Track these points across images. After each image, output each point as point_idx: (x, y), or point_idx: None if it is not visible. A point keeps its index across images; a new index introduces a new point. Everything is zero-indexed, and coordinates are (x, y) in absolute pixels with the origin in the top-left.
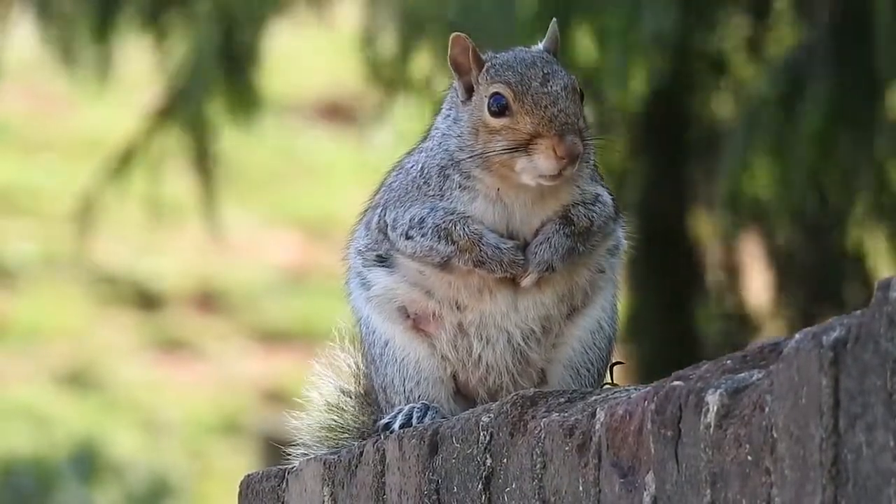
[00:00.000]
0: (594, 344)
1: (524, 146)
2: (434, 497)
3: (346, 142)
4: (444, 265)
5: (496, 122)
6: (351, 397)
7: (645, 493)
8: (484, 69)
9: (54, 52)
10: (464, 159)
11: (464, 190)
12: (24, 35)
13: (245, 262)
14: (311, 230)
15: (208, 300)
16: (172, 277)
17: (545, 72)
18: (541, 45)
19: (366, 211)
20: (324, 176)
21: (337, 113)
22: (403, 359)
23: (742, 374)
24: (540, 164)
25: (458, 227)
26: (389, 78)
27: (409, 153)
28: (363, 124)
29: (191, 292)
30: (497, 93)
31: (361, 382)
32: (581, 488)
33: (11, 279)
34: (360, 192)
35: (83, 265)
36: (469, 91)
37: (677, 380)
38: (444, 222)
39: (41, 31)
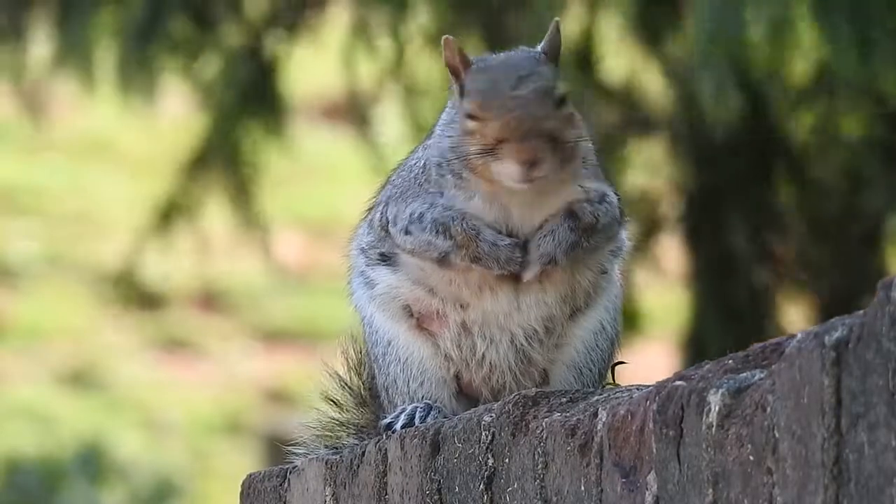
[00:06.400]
0: (596, 345)
1: (492, 151)
2: (436, 497)
3: (350, 141)
4: (443, 261)
5: (471, 126)
6: (351, 395)
7: (647, 493)
8: (468, 72)
9: (75, 70)
10: (451, 159)
11: (461, 188)
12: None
13: (247, 261)
14: (314, 230)
15: (211, 300)
16: (175, 277)
17: (521, 75)
18: (539, 47)
19: (369, 209)
20: (327, 175)
21: (340, 112)
22: (407, 358)
23: (744, 374)
24: (506, 168)
25: (456, 223)
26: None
27: (413, 150)
28: (366, 122)
29: (193, 292)
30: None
31: (364, 380)
32: (583, 488)
33: (14, 279)
34: (363, 192)
35: (87, 267)
36: (463, 92)
37: (679, 379)
38: (442, 217)
39: (59, 42)
